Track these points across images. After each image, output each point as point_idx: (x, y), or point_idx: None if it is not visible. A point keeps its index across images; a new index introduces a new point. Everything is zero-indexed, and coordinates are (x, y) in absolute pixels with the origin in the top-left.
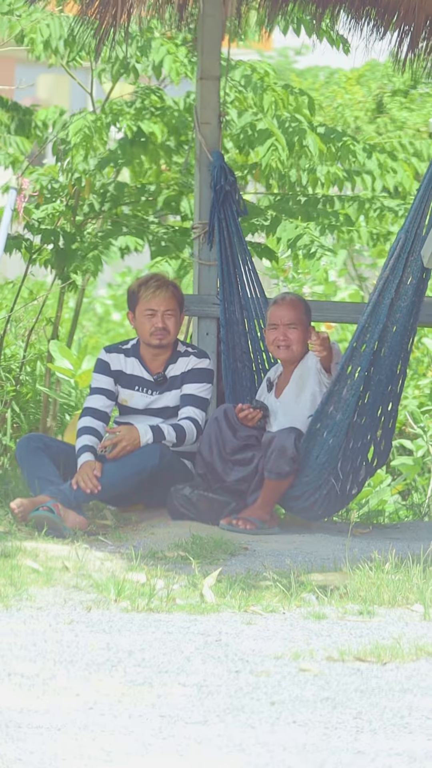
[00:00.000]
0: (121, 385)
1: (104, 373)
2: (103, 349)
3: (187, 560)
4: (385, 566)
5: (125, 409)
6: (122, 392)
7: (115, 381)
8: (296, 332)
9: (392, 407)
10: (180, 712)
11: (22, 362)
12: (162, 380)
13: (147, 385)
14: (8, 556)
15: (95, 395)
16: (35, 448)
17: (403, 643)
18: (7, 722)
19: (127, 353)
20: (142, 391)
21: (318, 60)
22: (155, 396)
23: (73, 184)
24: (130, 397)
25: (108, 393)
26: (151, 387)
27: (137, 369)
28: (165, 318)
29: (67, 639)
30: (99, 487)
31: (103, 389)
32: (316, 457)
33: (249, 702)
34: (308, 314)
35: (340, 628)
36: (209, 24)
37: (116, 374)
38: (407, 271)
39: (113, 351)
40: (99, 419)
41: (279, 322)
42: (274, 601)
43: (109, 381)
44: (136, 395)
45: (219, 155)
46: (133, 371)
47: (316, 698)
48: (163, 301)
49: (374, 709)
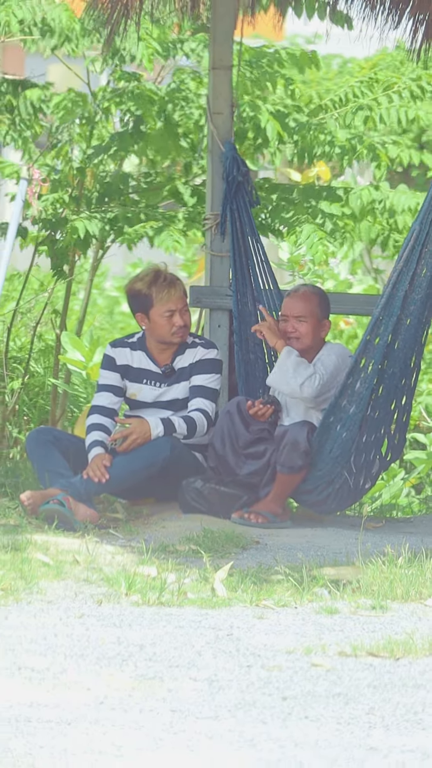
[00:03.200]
0: (129, 380)
1: (110, 368)
2: (109, 344)
3: (199, 554)
4: (399, 560)
5: (134, 402)
6: (130, 386)
7: (122, 376)
8: (306, 324)
9: (406, 401)
10: (191, 706)
11: (30, 354)
12: (170, 372)
13: (155, 378)
14: (19, 550)
15: (102, 392)
16: (45, 440)
17: (416, 638)
18: (17, 716)
19: (133, 347)
20: (150, 384)
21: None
22: (164, 388)
23: (75, 175)
24: (138, 390)
25: (115, 389)
26: (159, 379)
27: (144, 362)
28: (183, 314)
29: (77, 633)
30: (107, 476)
31: (110, 386)
32: (329, 450)
33: (260, 697)
34: (323, 307)
35: (353, 622)
36: (221, 13)
37: (123, 369)
38: (421, 263)
39: (119, 345)
40: (107, 416)
41: (289, 314)
42: (286, 595)
43: (116, 377)
44: (144, 389)
45: (231, 146)
46: (140, 364)
47: (328, 693)
48: (179, 299)
49: (387, 704)
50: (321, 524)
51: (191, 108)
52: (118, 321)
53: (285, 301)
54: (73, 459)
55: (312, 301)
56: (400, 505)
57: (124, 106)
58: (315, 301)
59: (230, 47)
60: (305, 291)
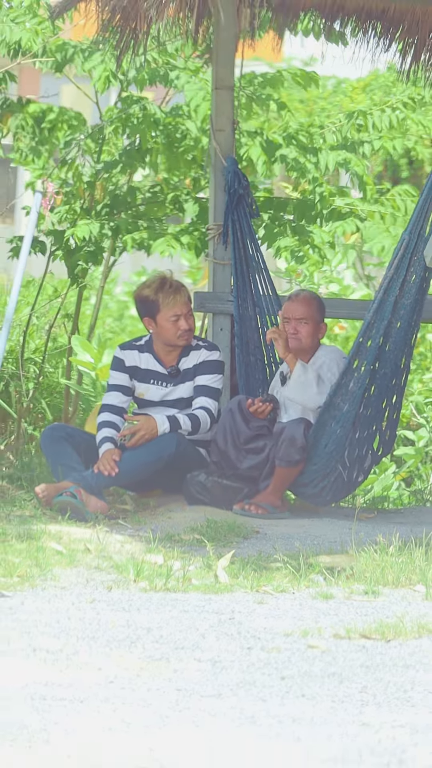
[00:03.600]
0: (137, 380)
1: (120, 369)
2: (118, 347)
3: (202, 543)
4: (389, 549)
5: (142, 401)
6: (138, 386)
7: (130, 377)
8: (307, 327)
9: (396, 399)
10: (195, 686)
11: (44, 356)
12: (175, 373)
13: (162, 378)
14: (34, 539)
15: (112, 392)
16: (59, 437)
17: (406, 621)
18: (32, 695)
19: (141, 349)
20: (157, 384)
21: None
22: (170, 388)
23: (85, 188)
24: (146, 390)
25: (124, 389)
26: (165, 380)
27: (151, 363)
28: (188, 319)
29: (89, 617)
30: (116, 469)
31: (120, 386)
32: (324, 446)
33: (260, 677)
34: (321, 311)
35: (347, 607)
36: (224, 37)
37: (132, 370)
38: (411, 270)
39: (127, 348)
40: (116, 414)
41: (291, 316)
42: (285, 581)
43: (125, 377)
44: (151, 388)
45: (233, 161)
46: (147, 366)
47: (323, 673)
48: (185, 304)
49: (379, 683)
50: (317, 515)
51: (189, 126)
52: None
53: (287, 304)
54: (85, 454)
55: (312, 305)
56: (391, 497)
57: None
58: (314, 305)
59: (232, 69)
60: (305, 295)
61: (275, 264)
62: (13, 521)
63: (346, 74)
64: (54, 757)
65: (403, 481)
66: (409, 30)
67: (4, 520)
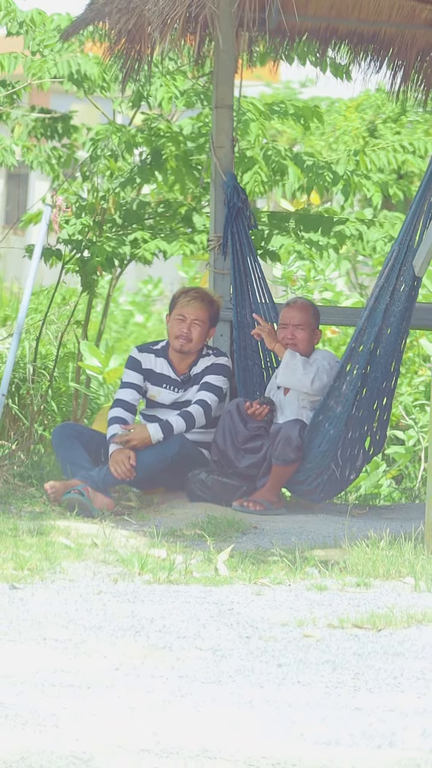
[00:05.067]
0: (150, 383)
1: (135, 369)
2: (136, 348)
3: (203, 538)
4: (380, 543)
5: (153, 403)
6: (151, 388)
7: (144, 378)
8: (303, 332)
9: (387, 401)
10: (196, 673)
11: (55, 361)
12: (187, 380)
13: (174, 384)
14: (43, 534)
15: (126, 389)
16: (68, 435)
17: (396, 611)
18: (42, 681)
19: (157, 353)
20: (169, 389)
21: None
22: (180, 393)
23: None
24: (158, 393)
25: (137, 388)
26: (177, 385)
27: (165, 369)
28: (191, 326)
29: (96, 608)
30: (134, 474)
31: (134, 384)
32: (318, 445)
33: (258, 664)
34: (316, 318)
35: (340, 598)
36: (223, 59)
37: (146, 372)
38: (400, 279)
39: (145, 351)
40: (128, 410)
41: (289, 322)
42: (281, 574)
43: (139, 377)
44: (163, 392)
45: (232, 176)
46: (162, 370)
47: (318, 661)
48: (194, 311)
49: (370, 670)
50: (312, 511)
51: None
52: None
53: (284, 311)
54: (94, 452)
55: (308, 311)
56: (381, 494)
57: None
58: (310, 311)
59: (231, 89)
60: (302, 303)
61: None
62: (24, 517)
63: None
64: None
65: (393, 479)
66: (398, 53)
67: (16, 516)
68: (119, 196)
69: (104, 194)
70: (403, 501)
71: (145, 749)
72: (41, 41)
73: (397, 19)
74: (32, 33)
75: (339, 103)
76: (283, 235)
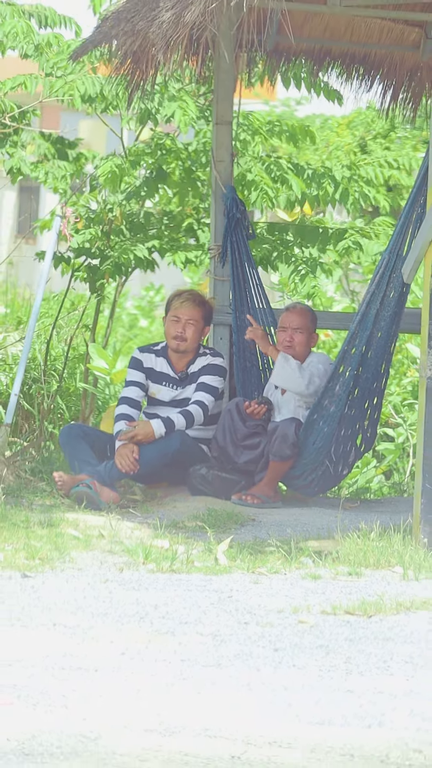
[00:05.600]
0: (151, 381)
1: (138, 368)
2: (137, 349)
3: (204, 529)
4: (371, 535)
5: (153, 400)
6: (152, 386)
7: (146, 376)
8: (301, 335)
9: (377, 401)
10: (198, 657)
11: (64, 362)
12: (185, 377)
13: (172, 382)
14: (53, 525)
15: (130, 387)
16: (76, 434)
17: (385, 599)
18: (52, 665)
19: (157, 353)
20: (168, 387)
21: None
22: (179, 390)
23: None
24: (158, 390)
25: (141, 385)
26: (175, 383)
27: (165, 367)
28: (186, 326)
29: (102, 595)
30: (137, 467)
31: (137, 382)
32: (313, 442)
33: (256, 649)
34: (314, 322)
35: (333, 586)
36: (223, 78)
37: (147, 371)
38: (390, 286)
39: (145, 351)
40: (133, 407)
41: (288, 326)
42: (277, 563)
43: (142, 376)
44: (163, 389)
45: (231, 188)
46: (161, 369)
47: (312, 646)
48: (187, 311)
49: (361, 655)
50: (306, 504)
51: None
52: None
53: (284, 315)
54: (99, 450)
55: (306, 316)
56: (372, 488)
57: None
58: (308, 316)
59: (230, 106)
60: (301, 308)
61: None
62: (35, 510)
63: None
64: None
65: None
66: (388, 73)
67: (28, 508)
68: (125, 208)
69: (111, 206)
70: (392, 495)
71: (150, 729)
72: (55, 63)
73: (386, 41)
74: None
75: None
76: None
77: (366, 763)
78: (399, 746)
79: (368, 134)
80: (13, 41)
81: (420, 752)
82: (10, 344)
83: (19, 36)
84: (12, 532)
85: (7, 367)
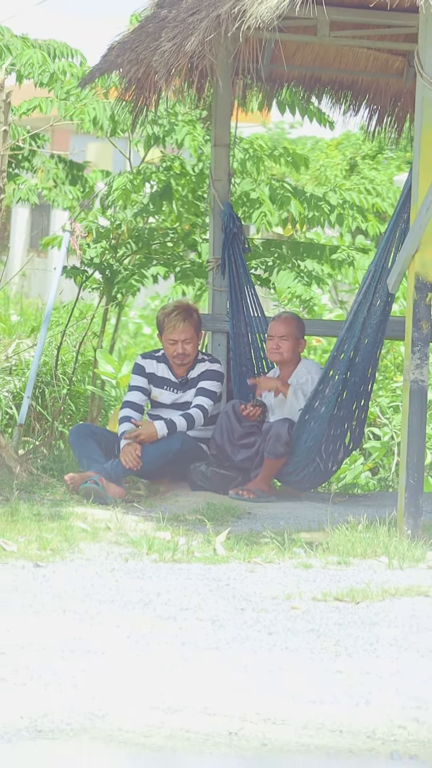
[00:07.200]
0: (153, 385)
1: (140, 374)
2: (140, 356)
3: (203, 522)
4: (359, 527)
5: (156, 403)
6: (154, 390)
7: (148, 381)
8: (287, 343)
9: (364, 402)
10: (197, 640)
11: (74, 367)
12: (185, 382)
13: (173, 386)
14: (63, 519)
15: (133, 391)
16: (84, 434)
17: (372, 586)
18: (62, 648)
19: (158, 359)
20: (169, 390)
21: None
22: (179, 394)
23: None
24: (159, 394)
25: (143, 390)
26: (176, 387)
27: (166, 372)
28: (184, 345)
29: (109, 583)
30: (140, 464)
31: (140, 387)
32: (305, 441)
33: (252, 633)
34: (301, 328)
35: (323, 575)
36: (220, 103)
37: (150, 376)
38: (376, 296)
39: (147, 357)
40: (136, 410)
41: (274, 334)
42: (272, 554)
43: (144, 381)
44: (164, 393)
45: (229, 205)
46: (163, 374)
47: (304, 630)
48: (182, 332)
49: (349, 638)
50: (299, 499)
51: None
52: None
53: (271, 324)
54: (105, 448)
55: (291, 324)
56: (360, 484)
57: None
58: (294, 324)
59: (228, 129)
60: (286, 316)
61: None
62: (46, 504)
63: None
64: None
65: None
66: (374, 98)
67: (39, 503)
68: (132, 224)
69: (119, 222)
70: (378, 490)
71: (153, 707)
72: (68, 90)
73: (372, 69)
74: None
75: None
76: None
77: (354, 738)
78: (385, 723)
79: (357, 155)
80: (29, 71)
81: (404, 728)
82: (23, 350)
83: (34, 66)
84: (25, 524)
85: (21, 372)
